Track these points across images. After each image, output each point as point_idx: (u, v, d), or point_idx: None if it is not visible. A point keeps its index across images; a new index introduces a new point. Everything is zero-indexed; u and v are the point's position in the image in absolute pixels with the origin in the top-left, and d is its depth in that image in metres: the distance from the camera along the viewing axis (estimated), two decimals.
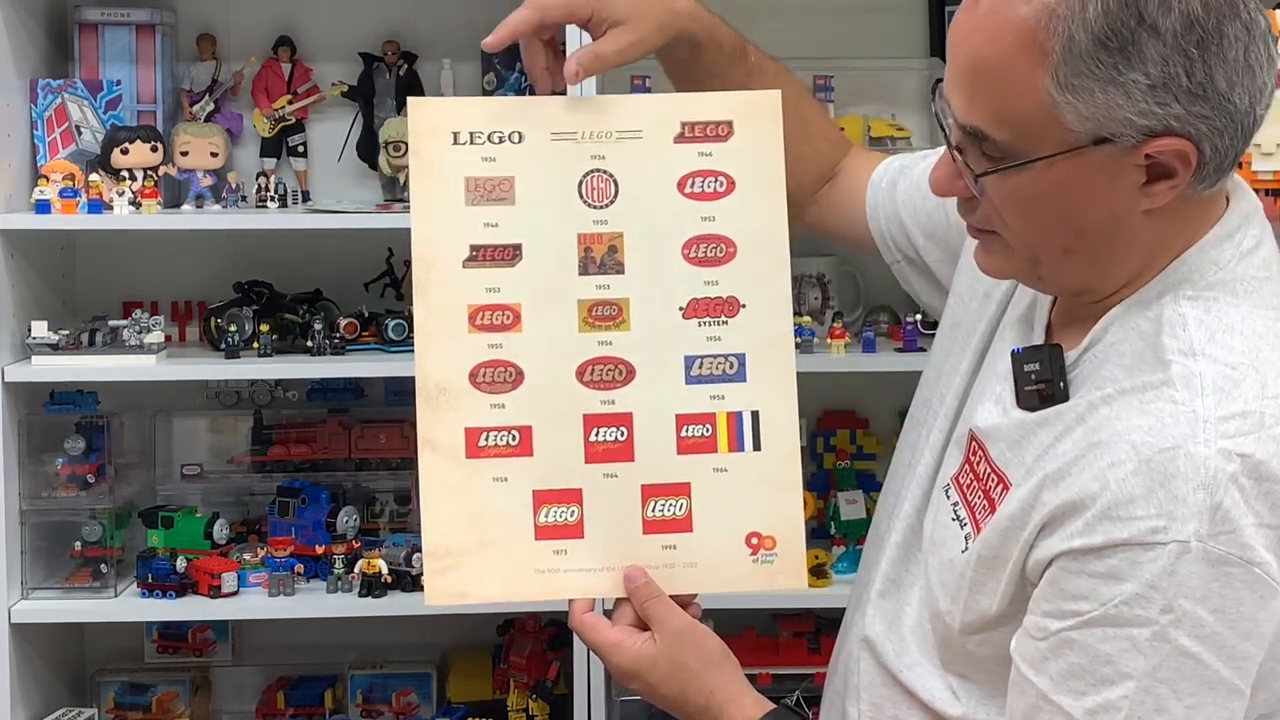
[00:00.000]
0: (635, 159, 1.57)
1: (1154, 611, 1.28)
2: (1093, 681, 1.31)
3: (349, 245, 3.05)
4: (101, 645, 3.18)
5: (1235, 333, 1.35)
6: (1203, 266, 1.38)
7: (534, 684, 2.99)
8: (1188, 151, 1.31)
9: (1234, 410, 1.30)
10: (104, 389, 2.94)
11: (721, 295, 1.57)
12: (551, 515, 1.54)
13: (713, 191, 1.58)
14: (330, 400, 3.11)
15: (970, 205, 1.41)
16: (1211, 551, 1.27)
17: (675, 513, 1.55)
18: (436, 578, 1.53)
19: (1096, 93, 1.29)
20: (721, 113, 1.59)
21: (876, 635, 1.56)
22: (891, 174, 1.77)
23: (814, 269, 3.07)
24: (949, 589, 1.45)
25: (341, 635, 3.14)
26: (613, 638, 1.53)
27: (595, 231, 1.56)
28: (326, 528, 2.94)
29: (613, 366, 1.55)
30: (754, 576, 1.56)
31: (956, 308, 1.63)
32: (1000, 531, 1.39)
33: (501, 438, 1.54)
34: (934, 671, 1.50)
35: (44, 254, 3.00)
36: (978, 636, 1.43)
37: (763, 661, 2.91)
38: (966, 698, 1.47)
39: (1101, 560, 1.30)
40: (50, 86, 2.94)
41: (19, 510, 2.84)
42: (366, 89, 3.10)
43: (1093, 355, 1.39)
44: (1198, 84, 1.29)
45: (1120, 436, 1.31)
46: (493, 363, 1.54)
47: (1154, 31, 1.27)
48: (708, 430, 1.56)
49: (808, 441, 3.16)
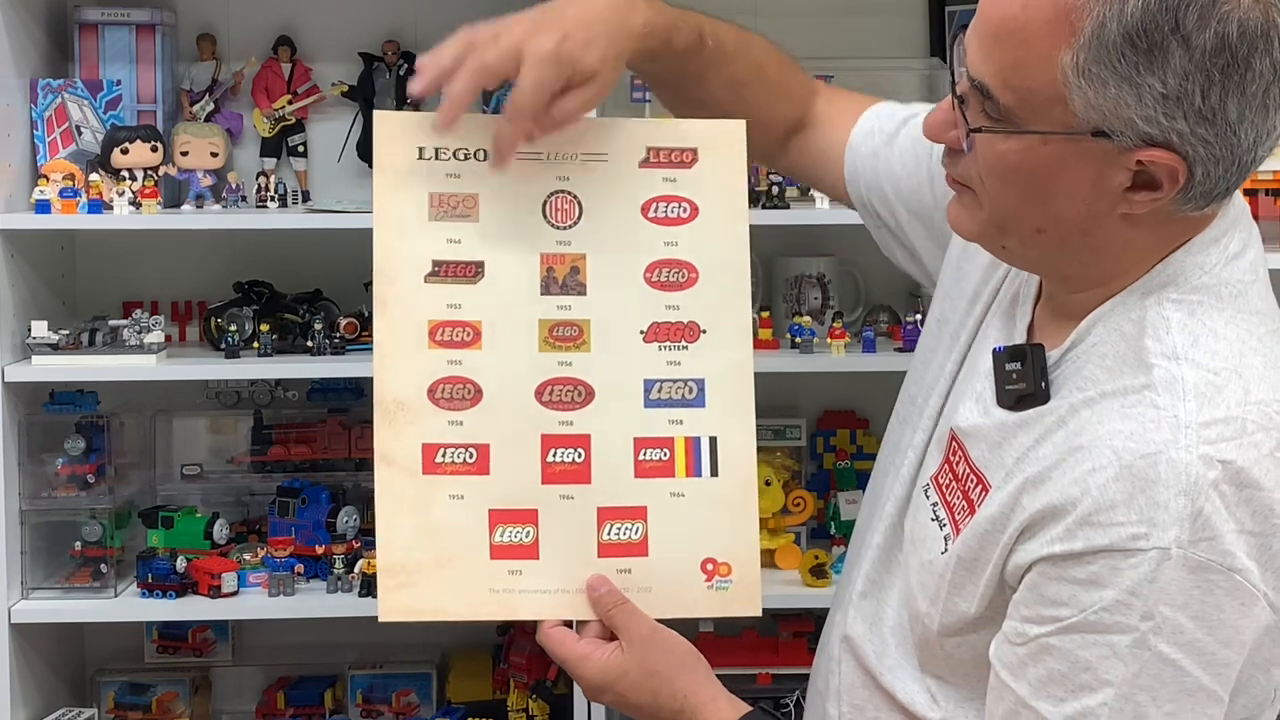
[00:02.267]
0: (600, 181, 1.56)
1: (1134, 618, 1.27)
2: (1072, 688, 1.30)
3: (349, 245, 3.04)
4: (101, 645, 3.18)
5: (1219, 338, 1.34)
6: (1188, 270, 1.36)
7: (534, 684, 2.99)
8: (1178, 169, 1.30)
9: (1216, 416, 1.29)
10: (104, 389, 2.95)
11: (682, 320, 1.56)
12: (507, 535, 1.52)
13: (676, 217, 1.57)
14: (330, 400, 3.11)
15: (955, 157, 1.40)
16: (1192, 558, 1.27)
17: (631, 536, 1.53)
18: (390, 594, 1.51)
19: (1110, 86, 1.28)
20: (687, 140, 1.58)
21: (858, 635, 1.55)
22: (873, 143, 1.72)
23: (814, 269, 3.07)
24: (928, 590, 1.44)
25: (341, 635, 3.14)
26: (580, 650, 1.50)
27: (558, 252, 1.55)
28: (326, 528, 2.94)
29: (572, 387, 1.54)
30: (708, 602, 1.54)
31: (944, 303, 1.61)
32: (979, 534, 1.38)
33: (459, 455, 1.52)
34: (913, 674, 1.49)
35: (44, 254, 3.00)
36: (955, 639, 1.43)
37: (763, 661, 2.91)
38: (945, 701, 1.46)
39: (1082, 566, 1.29)
40: (50, 86, 2.94)
41: (19, 510, 2.84)
42: (366, 89, 3.10)
43: (1075, 356, 1.38)
44: (1210, 107, 1.27)
45: (1102, 441, 1.30)
46: (452, 379, 1.53)
47: (1185, 43, 1.26)
48: (665, 454, 1.54)
49: (808, 441, 3.16)
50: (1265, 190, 2.82)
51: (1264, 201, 2.83)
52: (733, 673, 2.88)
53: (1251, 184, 2.77)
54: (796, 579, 2.88)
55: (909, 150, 1.67)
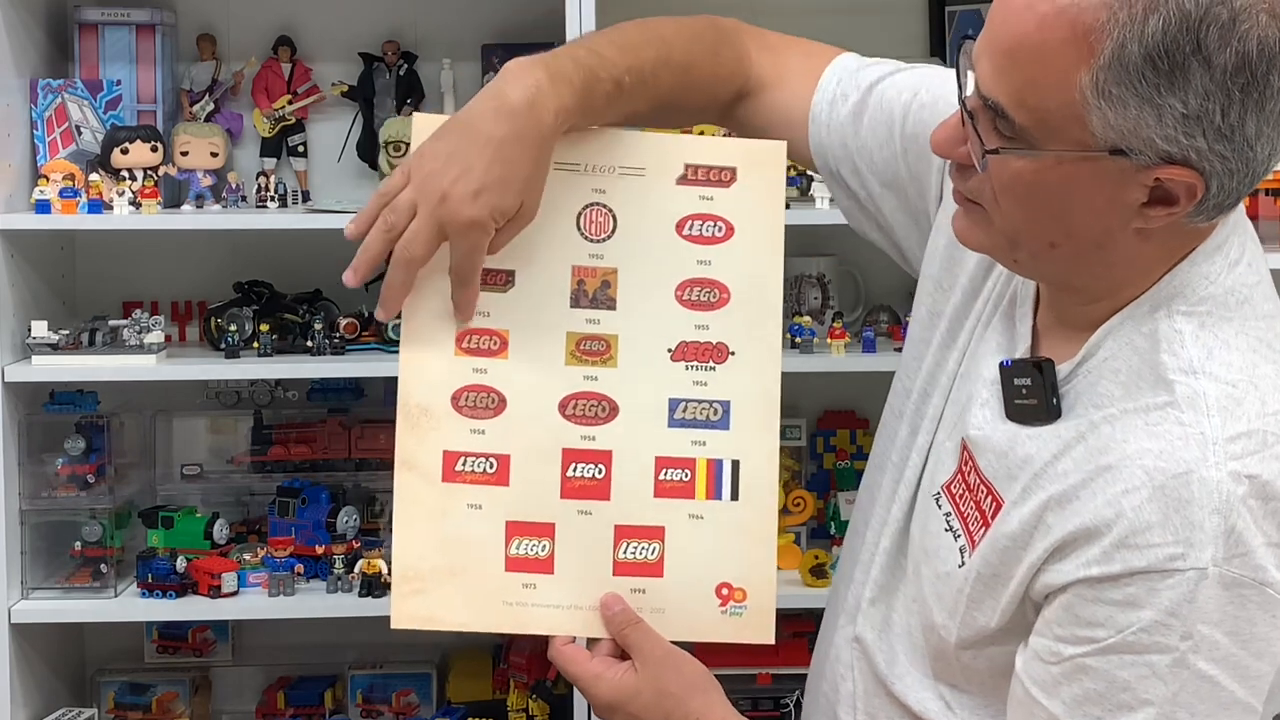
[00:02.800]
0: (636, 196, 1.55)
1: (1174, 639, 1.28)
2: (1109, 707, 1.30)
3: (349, 245, 3.03)
4: (101, 645, 3.18)
5: (1231, 348, 1.34)
6: (1194, 281, 1.36)
7: (534, 684, 2.99)
8: (1196, 185, 1.29)
9: (1239, 430, 1.30)
10: (104, 389, 2.94)
11: (711, 340, 1.54)
12: (523, 547, 1.51)
13: (711, 236, 1.55)
14: (330, 400, 3.11)
15: (965, 173, 1.38)
16: (1227, 575, 1.27)
17: (647, 556, 1.52)
18: (404, 600, 1.50)
19: (1131, 107, 1.26)
20: (726, 158, 1.56)
21: (870, 641, 1.54)
22: (839, 114, 1.65)
23: (814, 269, 3.07)
24: (945, 603, 1.43)
25: (341, 635, 3.14)
26: (593, 669, 1.49)
27: (590, 265, 1.54)
28: (326, 528, 2.94)
29: (596, 402, 1.52)
30: (721, 628, 1.53)
31: (935, 295, 1.58)
32: (1000, 550, 1.37)
33: (479, 464, 1.51)
34: (924, 681, 1.49)
35: (44, 254, 2.99)
36: (972, 651, 1.42)
37: (763, 661, 2.90)
38: (960, 710, 1.46)
39: (1119, 588, 1.29)
40: (50, 86, 2.94)
41: (19, 510, 2.84)
42: (366, 89, 3.10)
43: (1086, 371, 1.38)
44: (1229, 125, 1.26)
45: (1131, 460, 1.30)
46: (476, 387, 1.51)
47: (1206, 64, 1.25)
48: (686, 475, 1.53)
49: (808, 441, 3.16)
50: (1265, 190, 2.82)
51: (1264, 201, 2.83)
52: (733, 673, 2.88)
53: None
54: (797, 579, 2.88)
55: (880, 120, 1.63)
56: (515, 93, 1.46)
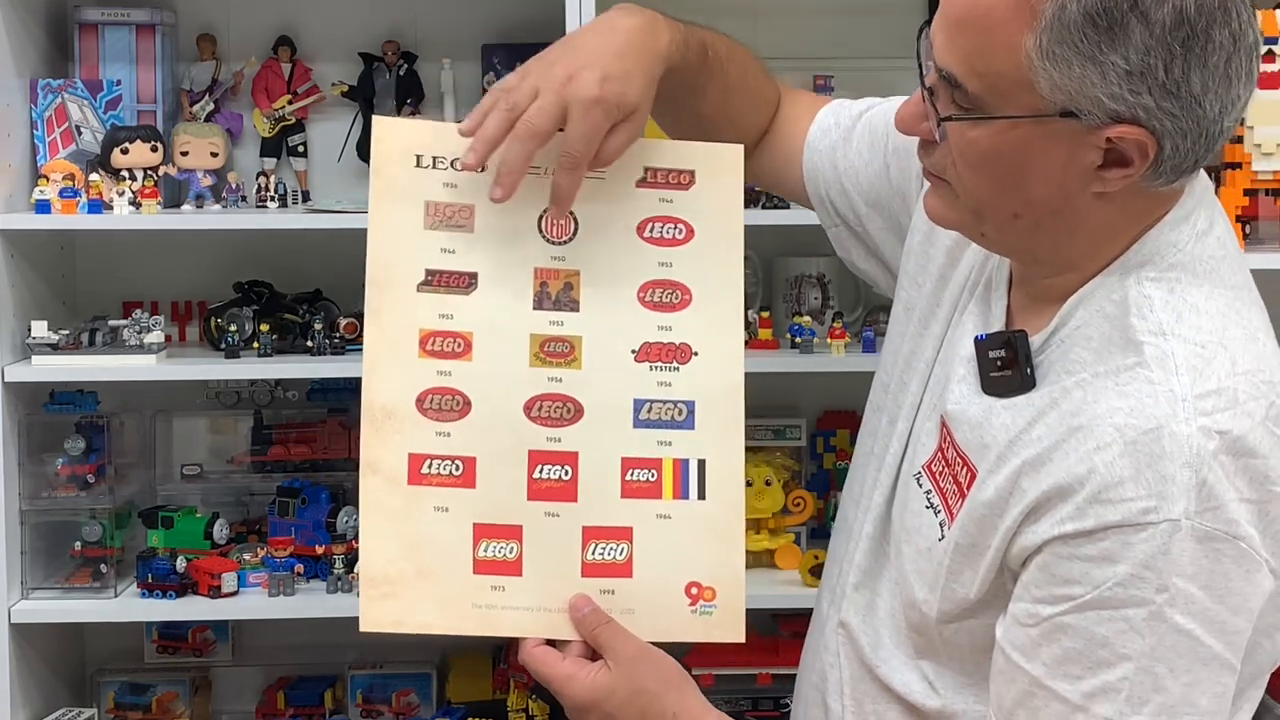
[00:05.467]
0: (597, 199, 1.56)
1: (1149, 591, 1.29)
2: (1089, 665, 1.32)
3: (349, 245, 3.01)
4: (101, 645, 3.18)
5: (1200, 312, 1.36)
6: (1162, 248, 1.39)
7: (534, 684, 2.99)
8: (1147, 144, 1.32)
9: (1209, 388, 1.32)
10: (104, 389, 2.94)
11: (674, 341, 1.56)
12: (491, 550, 1.51)
13: (671, 238, 1.57)
14: (330, 400, 3.11)
15: (929, 149, 1.42)
16: (1200, 528, 1.29)
17: (615, 557, 1.53)
18: (373, 604, 1.50)
19: (1074, 66, 1.30)
20: (685, 161, 1.58)
21: (855, 625, 1.55)
22: (830, 139, 1.74)
23: (814, 269, 3.07)
24: (926, 577, 1.45)
25: (341, 635, 3.12)
26: (565, 670, 1.49)
27: (552, 267, 1.55)
28: (326, 528, 2.94)
29: (561, 404, 1.53)
30: (691, 627, 1.54)
31: (910, 290, 1.63)
32: (977, 520, 1.39)
33: (445, 466, 1.51)
34: (907, 663, 1.50)
35: (44, 254, 3.00)
36: (954, 625, 1.44)
37: (763, 661, 2.90)
38: (943, 687, 1.47)
39: (1093, 543, 1.31)
40: (50, 86, 2.94)
41: (19, 510, 2.83)
42: (366, 89, 3.10)
43: (1059, 340, 1.40)
44: (1173, 81, 1.30)
45: (1102, 419, 1.32)
46: (441, 389, 1.52)
47: (1144, 19, 1.28)
48: (653, 475, 1.54)
49: (808, 441, 3.16)
50: (1265, 190, 2.81)
51: (1264, 201, 2.82)
52: (733, 673, 2.89)
53: (1251, 184, 2.77)
54: (796, 579, 2.88)
55: (865, 141, 1.69)
56: (632, 14, 1.55)
